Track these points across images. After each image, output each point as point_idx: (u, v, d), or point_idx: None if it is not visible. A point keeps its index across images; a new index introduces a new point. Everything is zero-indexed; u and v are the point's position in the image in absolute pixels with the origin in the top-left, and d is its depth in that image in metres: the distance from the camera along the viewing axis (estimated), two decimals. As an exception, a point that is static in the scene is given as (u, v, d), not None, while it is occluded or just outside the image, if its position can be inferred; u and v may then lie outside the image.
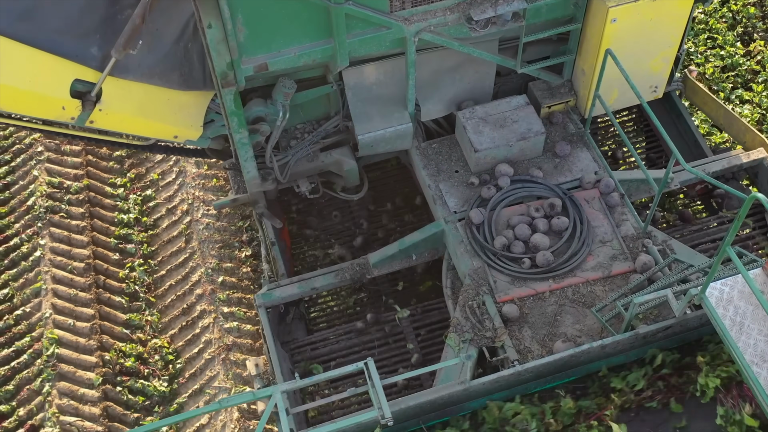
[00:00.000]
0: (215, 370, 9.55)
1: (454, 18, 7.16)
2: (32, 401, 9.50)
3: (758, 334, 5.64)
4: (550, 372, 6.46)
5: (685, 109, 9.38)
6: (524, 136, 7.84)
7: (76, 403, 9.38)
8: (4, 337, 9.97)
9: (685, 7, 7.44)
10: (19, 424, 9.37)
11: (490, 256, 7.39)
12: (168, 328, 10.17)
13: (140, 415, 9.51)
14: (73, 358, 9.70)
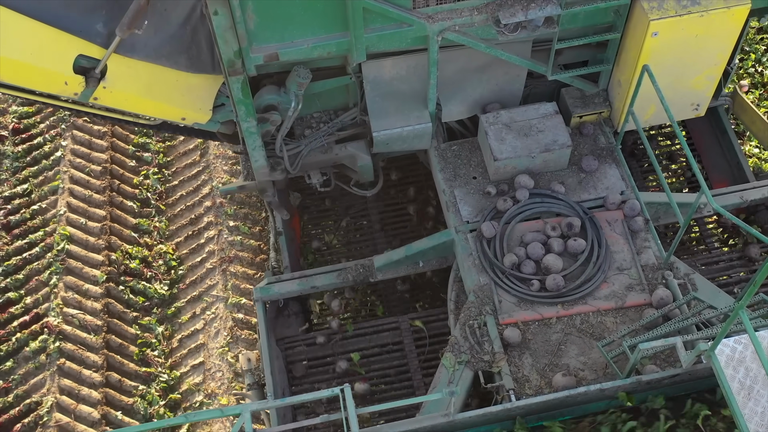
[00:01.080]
0: (215, 280, 10.22)
1: (482, 19, 6.68)
2: (39, 291, 10.27)
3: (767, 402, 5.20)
4: (542, 410, 6.09)
5: (730, 127, 8.78)
6: (548, 147, 7.36)
7: (80, 297, 10.13)
8: (20, 229, 10.81)
9: (736, 23, 6.83)
10: (25, 311, 10.14)
11: (498, 273, 7.00)
12: (174, 236, 10.88)
13: (139, 314, 10.27)
14: (82, 255, 10.47)
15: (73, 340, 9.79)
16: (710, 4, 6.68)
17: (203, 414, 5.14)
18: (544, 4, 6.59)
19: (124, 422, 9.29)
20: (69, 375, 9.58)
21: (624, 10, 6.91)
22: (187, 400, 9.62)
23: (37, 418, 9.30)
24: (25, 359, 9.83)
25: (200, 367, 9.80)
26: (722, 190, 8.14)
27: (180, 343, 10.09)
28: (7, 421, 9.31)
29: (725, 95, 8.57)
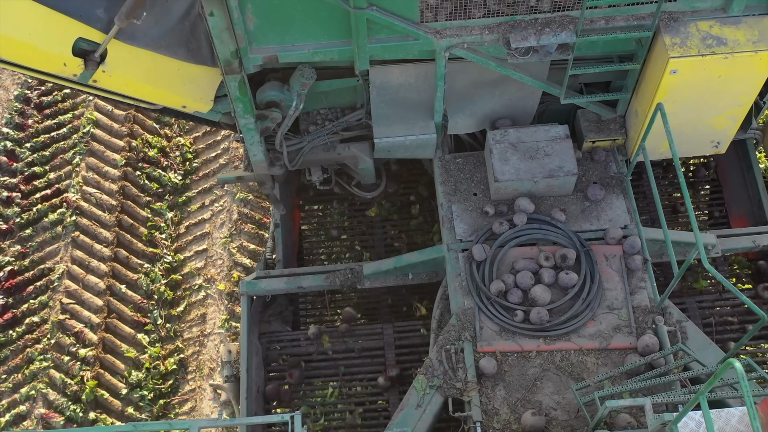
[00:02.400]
0: (226, 174, 10.94)
1: (492, 39, 6.40)
2: (62, 169, 11.27)
3: (725, 484, 5.00)
4: (501, 452, 5.99)
5: (757, 162, 8.39)
6: (553, 173, 7.11)
7: (99, 178, 11.08)
8: (50, 110, 11.71)
9: (764, 68, 6.43)
10: (48, 185, 11.14)
11: (483, 299, 6.84)
12: (193, 131, 11.63)
13: (151, 199, 11.16)
14: (105, 139, 11.29)
15: (89, 216, 10.81)
16: (737, 46, 6.29)
17: (152, 425, 5.14)
18: (559, 30, 6.28)
19: (127, 295, 10.30)
20: (81, 247, 10.57)
21: (646, 41, 6.55)
22: (187, 282, 10.54)
23: (48, 282, 10.34)
24: (43, 229, 10.86)
25: (203, 254, 10.68)
26: (735, 230, 7.82)
27: (187, 230, 11.02)
28: (22, 282, 10.43)
29: (755, 128, 8.15)
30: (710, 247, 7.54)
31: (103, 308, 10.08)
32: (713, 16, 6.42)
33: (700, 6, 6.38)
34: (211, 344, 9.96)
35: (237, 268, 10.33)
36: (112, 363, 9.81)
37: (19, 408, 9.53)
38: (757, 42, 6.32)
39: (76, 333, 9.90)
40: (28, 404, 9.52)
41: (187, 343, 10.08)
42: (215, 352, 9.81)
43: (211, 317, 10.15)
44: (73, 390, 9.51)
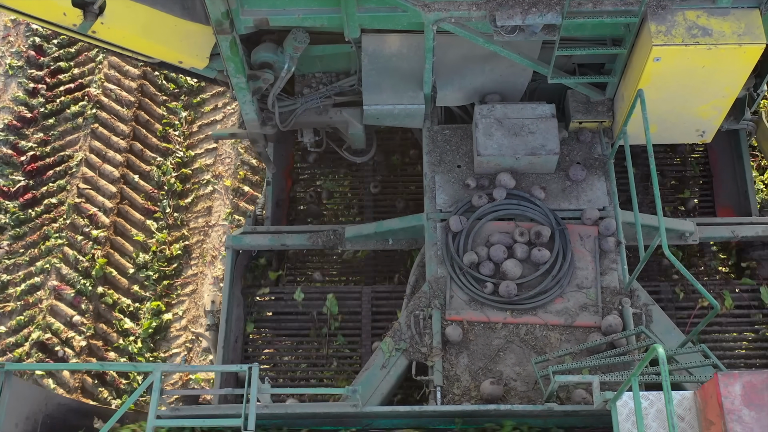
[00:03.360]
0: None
1: (480, 15, 6.50)
2: (86, 65, 11.89)
3: (657, 463, 5.20)
4: (454, 416, 6.19)
5: (747, 153, 8.42)
6: (535, 151, 7.23)
7: (119, 75, 11.68)
8: None
9: (748, 61, 6.46)
10: (72, 80, 11.82)
11: (456, 269, 7.03)
12: None
13: (168, 98, 11.77)
14: None
15: (108, 110, 11.47)
16: (722, 38, 6.33)
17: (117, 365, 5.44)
18: (545, 11, 6.35)
19: (140, 184, 11.04)
20: (99, 138, 11.27)
21: (634, 26, 6.60)
22: (196, 177, 11.21)
23: (67, 168, 11.10)
24: (65, 119, 11.55)
25: (213, 152, 11.34)
26: (716, 220, 7.92)
27: (199, 129, 11.54)
28: (43, 167, 11.23)
29: (748, 119, 8.17)
30: (688, 234, 7.64)
31: (116, 195, 10.90)
32: (702, 6, 6.45)
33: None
34: (214, 234, 10.75)
35: (244, 167, 11.00)
36: (122, 245, 10.64)
37: (34, 279, 10.34)
38: (743, 35, 6.35)
39: (90, 215, 10.71)
40: (42, 276, 10.35)
41: (192, 231, 10.87)
42: (218, 242, 10.60)
43: (216, 210, 10.92)
44: (85, 266, 10.33)
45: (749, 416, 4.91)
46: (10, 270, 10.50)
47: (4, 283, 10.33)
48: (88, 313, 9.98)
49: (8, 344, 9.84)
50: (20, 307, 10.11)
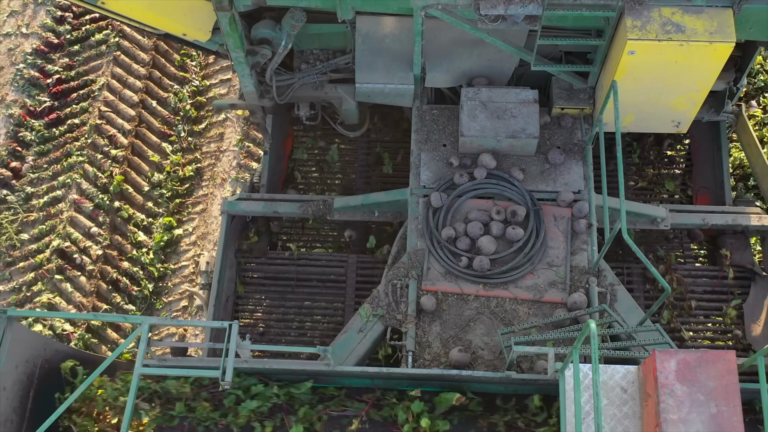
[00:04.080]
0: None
1: (465, 3, 6.85)
2: None
3: (598, 429, 5.62)
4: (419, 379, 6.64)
5: (726, 144, 8.74)
6: (515, 134, 7.60)
7: None
8: None
9: (718, 58, 6.77)
10: None
11: (434, 242, 7.45)
12: None
13: None
14: None
15: (130, 39, 12.31)
16: (693, 35, 6.64)
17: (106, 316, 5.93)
18: (527, 2, 6.69)
19: (157, 109, 11.88)
20: (121, 65, 12.13)
21: (613, 20, 6.92)
22: (210, 105, 11.84)
23: (90, 92, 11.99)
24: (90, 47, 12.38)
25: (227, 83, 12.14)
26: (689, 207, 8.27)
27: (215, 61, 12.28)
28: (67, 89, 12.13)
29: (729, 111, 8.47)
30: (660, 220, 8.01)
31: (134, 118, 11.78)
32: (677, 3, 6.76)
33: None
34: (225, 159, 11.60)
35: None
36: (138, 164, 11.60)
37: (56, 192, 11.36)
38: (714, 33, 6.66)
39: (110, 136, 11.64)
40: (63, 190, 11.36)
41: (204, 155, 11.75)
42: (228, 166, 11.45)
43: (228, 136, 11.71)
44: (103, 182, 11.33)
45: (681, 391, 5.33)
46: (35, 183, 11.53)
47: (29, 194, 11.39)
48: (104, 225, 11.04)
49: (30, 251, 10.88)
50: (43, 217, 11.18)
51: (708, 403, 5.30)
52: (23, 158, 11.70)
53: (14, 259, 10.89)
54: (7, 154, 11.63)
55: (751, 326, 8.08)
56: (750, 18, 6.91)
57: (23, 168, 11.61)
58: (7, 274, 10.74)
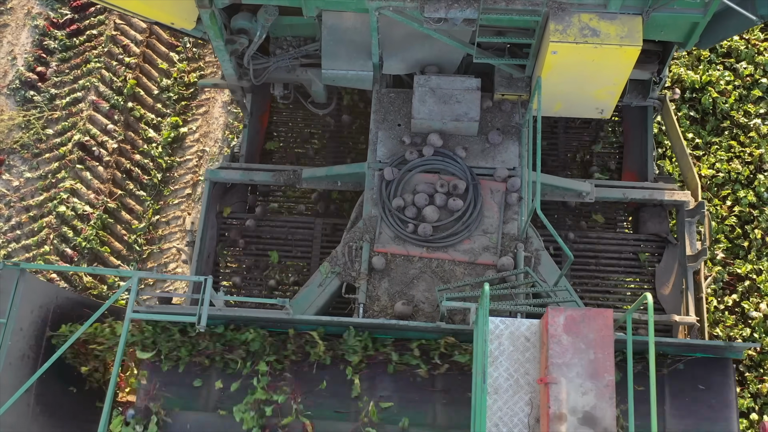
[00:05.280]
0: None
1: (413, 6, 7.91)
2: None
3: (504, 371, 6.89)
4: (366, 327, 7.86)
5: (651, 127, 9.86)
6: (458, 118, 8.73)
7: None
8: None
9: (628, 59, 7.86)
10: None
11: (386, 211, 8.64)
12: None
13: None
14: None
15: None
16: (607, 39, 7.73)
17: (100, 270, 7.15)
18: (465, 7, 7.77)
19: None
20: None
21: (541, 22, 7.99)
22: None
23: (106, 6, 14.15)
24: None
25: None
26: (612, 182, 9.44)
27: None
28: (86, 3, 13.66)
29: (655, 98, 9.58)
30: (585, 194, 9.18)
31: (146, 30, 13.59)
32: (595, 10, 7.83)
33: (586, 0, 7.78)
34: None
35: None
36: (149, 71, 13.40)
37: (76, 94, 13.28)
38: (624, 37, 7.75)
39: (124, 45, 13.38)
40: (83, 92, 13.24)
41: (207, 64, 13.56)
42: None
43: None
44: (118, 86, 13.23)
45: (566, 340, 6.57)
46: (58, 86, 13.40)
47: (53, 95, 13.29)
48: (119, 122, 13.00)
49: (55, 144, 12.88)
50: (65, 115, 13.11)
51: (587, 351, 6.56)
52: (48, 64, 13.58)
53: (41, 151, 12.91)
54: (33, 60, 13.50)
55: (661, 287, 9.32)
56: (660, 23, 7.99)
57: (48, 72, 13.50)
58: (35, 164, 12.83)
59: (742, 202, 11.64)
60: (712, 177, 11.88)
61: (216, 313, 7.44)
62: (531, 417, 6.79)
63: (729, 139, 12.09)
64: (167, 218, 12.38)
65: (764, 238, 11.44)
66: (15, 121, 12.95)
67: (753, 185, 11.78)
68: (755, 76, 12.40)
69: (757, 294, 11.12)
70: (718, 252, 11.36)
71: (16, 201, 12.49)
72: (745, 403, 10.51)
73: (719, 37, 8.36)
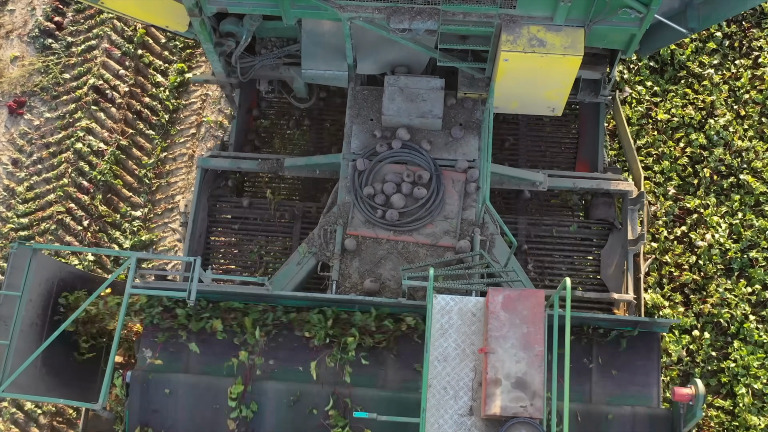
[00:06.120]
0: None
1: (380, 17, 8.86)
2: None
3: (453, 342, 7.96)
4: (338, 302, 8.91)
5: (603, 122, 10.85)
6: (424, 115, 9.72)
7: None
8: None
9: (571, 66, 8.82)
10: None
11: (358, 197, 9.66)
12: None
13: None
14: None
15: None
16: (552, 49, 8.68)
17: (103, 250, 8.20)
18: (427, 19, 8.72)
19: None
20: None
21: (495, 32, 8.94)
22: None
23: None
24: None
25: None
26: (564, 172, 10.45)
27: None
28: None
29: (605, 95, 10.54)
30: (538, 183, 10.20)
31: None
32: (542, 23, 8.76)
33: (534, 14, 8.71)
34: None
35: None
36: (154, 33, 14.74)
37: (90, 42, 14.42)
38: (567, 48, 8.70)
39: None
40: (97, 40, 14.42)
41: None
42: None
43: None
44: (129, 34, 14.44)
45: (504, 316, 7.63)
46: (74, 34, 14.52)
47: (69, 43, 14.46)
48: (130, 68, 14.17)
49: (71, 87, 14.18)
50: (80, 61, 14.33)
51: (521, 325, 7.62)
52: (64, 14, 14.65)
53: (59, 94, 14.16)
54: (51, 11, 14.57)
55: (606, 268, 10.37)
56: (601, 34, 8.93)
57: (64, 22, 14.56)
58: (53, 105, 14.11)
59: (694, 144, 12.95)
60: (668, 121, 13.17)
61: (205, 289, 8.50)
62: (474, 381, 7.88)
63: (684, 87, 13.39)
64: (174, 155, 13.72)
65: (712, 177, 12.78)
66: (35, 67, 14.39)
67: (704, 129, 13.10)
68: (710, 30, 13.58)
69: (704, 226, 12.51)
70: (670, 188, 12.73)
71: (37, 138, 14.02)
72: (689, 321, 11.98)
73: (657, 45, 9.34)
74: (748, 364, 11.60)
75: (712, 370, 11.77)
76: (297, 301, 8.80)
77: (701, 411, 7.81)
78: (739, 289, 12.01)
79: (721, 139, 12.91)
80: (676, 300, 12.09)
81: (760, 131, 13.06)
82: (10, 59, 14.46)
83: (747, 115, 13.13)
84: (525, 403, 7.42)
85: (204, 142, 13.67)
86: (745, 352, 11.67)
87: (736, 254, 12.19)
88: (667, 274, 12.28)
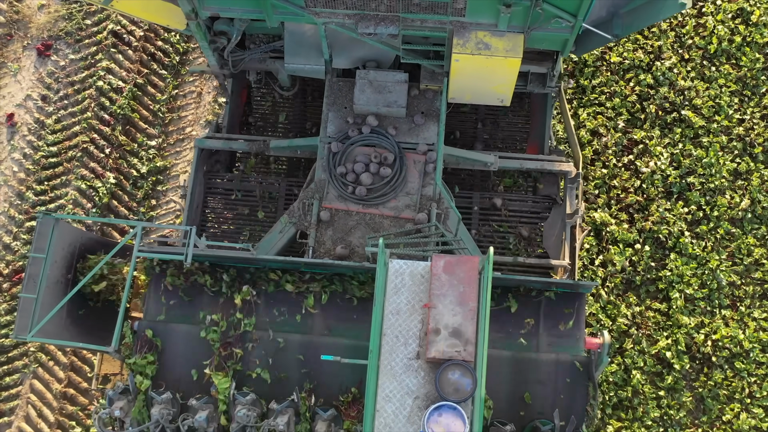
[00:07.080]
0: None
1: (350, 23, 10.35)
2: None
3: (404, 299, 9.58)
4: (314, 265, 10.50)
5: (550, 110, 12.37)
6: (390, 104, 11.25)
7: None
8: None
9: (512, 67, 10.31)
10: None
11: (332, 175, 11.23)
12: None
13: None
14: None
15: None
16: (496, 52, 10.17)
17: (113, 220, 9.82)
18: (389, 24, 10.21)
19: None
20: None
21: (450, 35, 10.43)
22: None
23: None
24: None
25: None
26: (513, 154, 12.00)
27: None
28: None
29: (552, 86, 12.03)
30: (490, 164, 11.75)
31: None
32: (488, 29, 10.24)
33: (481, 21, 10.19)
34: None
35: None
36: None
37: (97, 16, 16.42)
38: (509, 51, 10.19)
39: None
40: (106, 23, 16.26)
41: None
42: None
43: None
44: None
45: (444, 278, 9.25)
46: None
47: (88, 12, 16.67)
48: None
49: (93, 32, 16.33)
50: (100, 8, 16.23)
51: (459, 286, 9.24)
52: None
53: (81, 38, 16.27)
54: None
55: (548, 238, 11.96)
56: (539, 38, 10.41)
57: None
58: (77, 48, 16.28)
59: (642, 83, 15.12)
60: (620, 63, 15.25)
61: (199, 252, 10.12)
62: (421, 331, 9.52)
63: (636, 34, 15.30)
64: (184, 92, 15.78)
65: (657, 112, 14.93)
66: (60, 13, 16.38)
67: (652, 70, 15.18)
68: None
69: (648, 155, 14.65)
70: (620, 122, 14.83)
71: (63, 77, 16.09)
72: (632, 236, 14.16)
73: (589, 48, 10.82)
74: (682, 273, 13.90)
75: (651, 278, 14.05)
76: (278, 263, 10.42)
77: (608, 357, 9.46)
78: (677, 210, 14.25)
79: (666, 80, 15.06)
80: (621, 218, 14.28)
81: (701, 73, 15.19)
82: (38, 7, 16.61)
83: (690, 58, 15.28)
84: (459, 348, 9.06)
85: (211, 81, 16.00)
86: (680, 263, 13.95)
87: (675, 179, 14.44)
88: (615, 196, 14.46)
